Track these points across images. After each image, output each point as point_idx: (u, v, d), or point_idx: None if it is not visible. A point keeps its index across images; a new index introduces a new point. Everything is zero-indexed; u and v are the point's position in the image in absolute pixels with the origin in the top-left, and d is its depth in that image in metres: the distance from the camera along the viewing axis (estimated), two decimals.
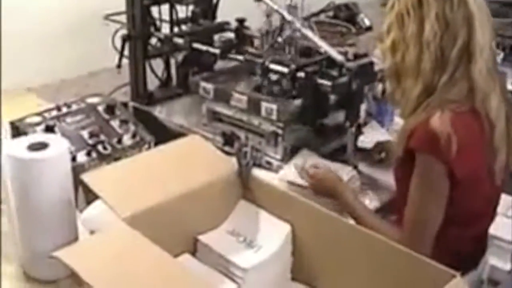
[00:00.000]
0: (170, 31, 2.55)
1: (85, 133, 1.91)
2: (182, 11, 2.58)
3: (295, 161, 1.98)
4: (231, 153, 1.62)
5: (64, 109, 1.97)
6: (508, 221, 2.07)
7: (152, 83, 2.58)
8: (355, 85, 1.98)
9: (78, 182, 1.48)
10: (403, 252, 1.28)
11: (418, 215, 1.64)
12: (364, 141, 2.13)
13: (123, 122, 2.00)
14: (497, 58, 1.93)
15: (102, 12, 2.56)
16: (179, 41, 2.38)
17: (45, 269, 1.46)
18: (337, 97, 2.06)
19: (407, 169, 1.64)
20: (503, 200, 1.86)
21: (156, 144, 1.97)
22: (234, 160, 1.54)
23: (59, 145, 1.45)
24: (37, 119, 1.91)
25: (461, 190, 1.62)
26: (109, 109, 2.02)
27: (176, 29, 2.56)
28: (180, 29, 2.55)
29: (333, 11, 3.48)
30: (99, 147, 1.89)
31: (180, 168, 1.48)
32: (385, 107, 2.36)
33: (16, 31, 2.47)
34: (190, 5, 2.56)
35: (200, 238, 1.47)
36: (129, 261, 1.18)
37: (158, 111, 2.46)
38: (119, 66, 2.49)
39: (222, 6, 2.63)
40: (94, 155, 1.87)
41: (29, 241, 1.46)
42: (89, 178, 1.39)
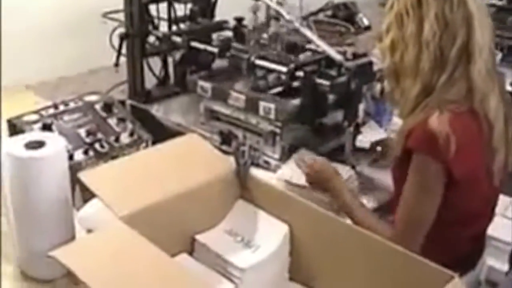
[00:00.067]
0: (168, 30, 2.55)
1: (83, 131, 1.91)
2: (181, 10, 2.57)
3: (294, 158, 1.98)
4: (229, 152, 1.62)
5: (62, 107, 1.97)
6: (506, 222, 2.06)
7: (150, 82, 2.57)
8: (354, 85, 1.97)
9: (75, 181, 1.48)
10: (401, 253, 1.27)
11: (412, 214, 1.64)
12: (362, 141, 2.12)
13: (121, 120, 2.00)
14: (496, 59, 1.92)
15: (100, 10, 2.55)
16: (177, 40, 2.37)
17: (42, 268, 1.46)
18: (336, 97, 2.06)
19: (405, 169, 1.64)
20: (501, 201, 1.86)
21: (154, 143, 1.96)
22: (232, 159, 1.53)
23: (56, 144, 1.45)
24: (34, 117, 1.91)
25: (459, 191, 1.62)
26: (107, 107, 2.01)
27: (174, 28, 2.56)
28: (178, 28, 2.55)
29: (332, 11, 3.49)
30: (97, 146, 1.89)
31: (178, 167, 1.47)
32: (383, 107, 2.35)
33: (15, 29, 2.47)
34: (189, 4, 2.55)
35: (198, 238, 1.47)
36: (126, 261, 1.18)
37: (156, 110, 2.45)
38: (117, 64, 2.49)
39: (221, 5, 2.62)
40: (92, 154, 1.86)
41: (26, 240, 1.46)
42: (86, 177, 1.39)
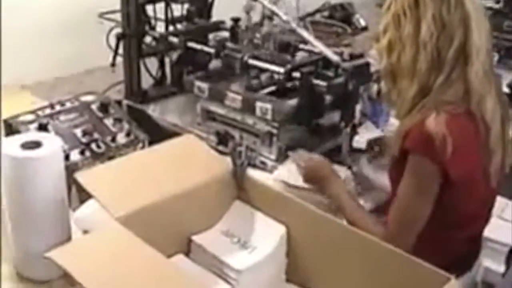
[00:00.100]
0: (165, 30, 2.54)
1: (79, 132, 1.91)
2: (177, 10, 2.57)
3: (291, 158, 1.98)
4: (225, 153, 1.61)
5: (58, 107, 1.97)
6: (503, 223, 2.06)
7: (147, 82, 2.57)
8: (351, 86, 1.97)
9: (72, 181, 1.48)
10: (398, 255, 1.27)
11: (406, 214, 1.64)
12: (359, 142, 2.12)
13: (117, 121, 1.99)
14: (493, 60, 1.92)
15: (97, 10, 2.55)
16: (174, 40, 2.37)
17: (38, 269, 1.45)
18: (333, 98, 2.06)
19: (402, 170, 1.63)
20: (498, 202, 1.86)
21: (150, 143, 1.96)
22: (229, 160, 1.53)
23: (53, 144, 1.44)
24: (31, 117, 1.90)
25: (456, 192, 1.61)
26: (103, 107, 2.01)
27: (171, 28, 2.55)
28: (175, 28, 2.54)
29: (329, 11, 3.49)
30: (93, 146, 1.89)
31: (175, 168, 1.47)
32: (380, 108, 2.35)
33: (12, 29, 2.46)
34: (185, 4, 2.55)
35: (194, 239, 1.46)
36: (122, 262, 1.17)
37: (152, 110, 2.45)
38: (114, 65, 2.48)
39: (218, 5, 2.63)
40: (88, 154, 1.86)
41: (22, 241, 1.45)
42: (83, 177, 1.38)
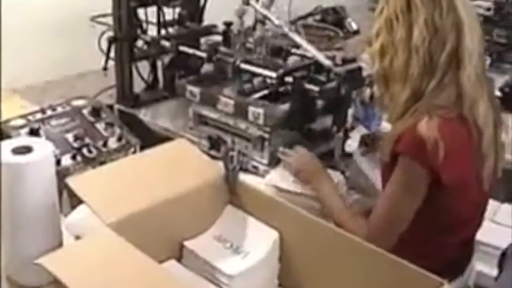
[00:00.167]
0: (157, 34, 2.54)
1: (70, 136, 1.90)
2: (169, 14, 2.56)
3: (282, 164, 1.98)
4: (217, 157, 1.61)
5: (49, 112, 1.96)
6: (495, 227, 2.06)
7: (139, 86, 2.56)
8: (343, 91, 1.97)
9: (63, 186, 1.47)
10: (391, 260, 1.27)
11: (390, 214, 1.63)
12: (351, 146, 2.12)
13: (109, 125, 1.98)
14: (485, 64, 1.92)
15: (88, 14, 2.54)
16: (166, 44, 2.36)
17: (29, 275, 1.44)
18: (325, 102, 2.05)
19: None
20: (490, 205, 1.85)
21: (142, 148, 1.95)
22: (221, 165, 1.52)
23: (44, 149, 1.43)
24: (21, 122, 1.89)
25: (449, 196, 1.62)
26: (95, 112, 2.00)
27: (163, 32, 2.55)
28: (167, 32, 2.54)
29: (321, 15, 3.50)
30: (84, 151, 1.88)
31: (166, 173, 1.46)
32: (372, 112, 2.35)
33: (1, 32, 2.44)
34: (177, 8, 2.54)
35: (186, 244, 1.46)
36: (114, 268, 1.17)
37: (144, 114, 2.44)
38: (105, 69, 2.47)
39: (210, 9, 2.62)
40: (79, 159, 1.85)
41: (13, 246, 1.44)
42: (74, 182, 1.38)
